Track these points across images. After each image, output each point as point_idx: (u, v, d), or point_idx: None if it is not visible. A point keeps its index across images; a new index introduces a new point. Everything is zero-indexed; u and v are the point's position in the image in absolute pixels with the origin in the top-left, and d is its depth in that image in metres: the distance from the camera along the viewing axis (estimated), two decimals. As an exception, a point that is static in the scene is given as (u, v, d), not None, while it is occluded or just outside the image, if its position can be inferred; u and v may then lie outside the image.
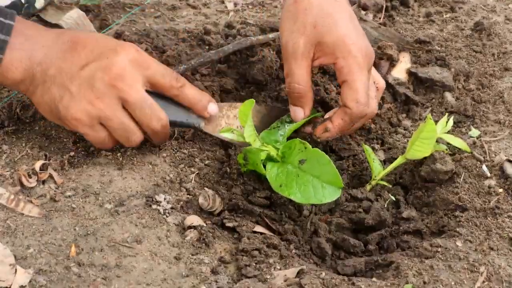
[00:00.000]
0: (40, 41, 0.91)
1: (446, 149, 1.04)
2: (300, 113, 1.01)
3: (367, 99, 0.97)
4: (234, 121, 1.03)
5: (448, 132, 1.05)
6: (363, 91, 0.96)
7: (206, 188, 0.97)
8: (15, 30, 0.89)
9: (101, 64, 0.89)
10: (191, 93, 0.96)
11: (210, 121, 1.00)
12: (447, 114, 1.10)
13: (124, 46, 0.92)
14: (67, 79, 0.88)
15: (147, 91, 0.92)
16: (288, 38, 0.98)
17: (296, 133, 1.06)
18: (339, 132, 1.01)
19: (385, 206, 1.01)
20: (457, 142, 1.03)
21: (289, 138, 1.01)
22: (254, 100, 0.96)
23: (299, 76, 0.98)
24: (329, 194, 0.93)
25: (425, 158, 1.01)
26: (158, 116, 0.92)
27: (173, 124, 0.96)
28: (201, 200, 0.94)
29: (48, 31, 0.94)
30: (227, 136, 0.99)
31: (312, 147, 0.95)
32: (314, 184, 0.93)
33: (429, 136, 0.96)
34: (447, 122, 1.03)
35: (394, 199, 1.03)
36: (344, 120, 0.98)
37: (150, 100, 0.92)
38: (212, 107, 0.98)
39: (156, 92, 0.94)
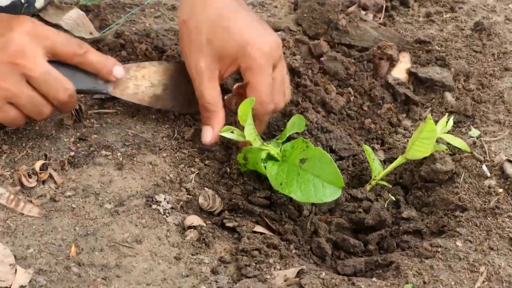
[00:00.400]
0: None
1: (446, 149, 1.04)
2: (209, 131, 0.99)
3: (270, 98, 0.98)
4: (142, 82, 1.01)
5: (448, 132, 1.05)
6: (266, 91, 0.97)
7: (206, 188, 0.97)
8: None
9: None
10: (95, 58, 0.94)
11: (118, 84, 0.98)
12: (447, 114, 1.10)
13: (19, 20, 0.89)
14: None
15: (50, 61, 0.91)
16: (189, 61, 0.99)
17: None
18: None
19: (385, 206, 1.01)
20: (457, 142, 1.03)
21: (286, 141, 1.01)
22: (254, 99, 0.96)
23: (208, 96, 0.98)
24: (330, 193, 0.92)
25: (425, 158, 1.01)
26: (64, 87, 0.91)
27: (81, 91, 0.96)
28: (201, 200, 0.94)
29: None
30: (226, 135, 0.98)
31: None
32: (315, 183, 0.93)
33: (429, 136, 0.96)
34: (447, 122, 1.03)
35: (394, 199, 1.03)
36: (256, 118, 0.98)
37: (54, 71, 0.90)
38: (118, 70, 0.97)
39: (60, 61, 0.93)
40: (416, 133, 0.98)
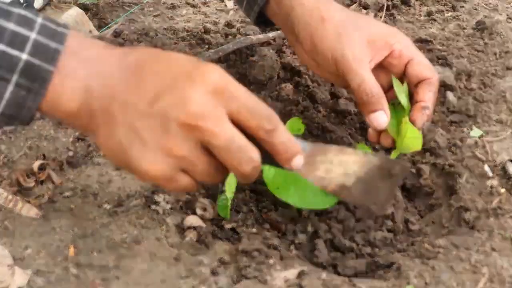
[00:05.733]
0: (99, 66, 0.72)
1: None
2: (384, 116, 0.94)
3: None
4: (335, 168, 0.84)
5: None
6: (428, 61, 0.98)
7: (200, 199, 0.94)
8: (68, 49, 0.71)
9: (175, 98, 0.69)
10: (280, 141, 0.75)
11: (308, 162, 0.81)
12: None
13: (203, 70, 0.71)
14: (134, 119, 0.70)
15: None
16: (342, 50, 0.94)
17: None
18: (433, 108, 0.97)
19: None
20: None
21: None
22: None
23: (372, 80, 0.94)
24: (327, 200, 0.93)
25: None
26: (249, 158, 0.72)
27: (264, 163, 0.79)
28: (200, 212, 0.93)
29: (110, 50, 0.74)
30: None
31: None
32: (313, 189, 0.92)
33: (415, 136, 0.94)
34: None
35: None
36: (433, 92, 0.95)
37: (239, 138, 0.71)
38: (298, 162, 0.77)
39: None
40: (402, 130, 0.95)
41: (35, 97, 0.71)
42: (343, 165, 0.84)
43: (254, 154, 0.73)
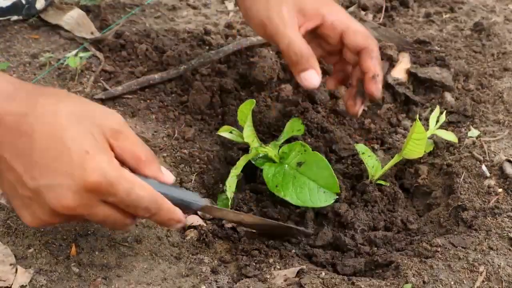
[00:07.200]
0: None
1: (433, 146, 1.05)
2: (315, 76, 0.97)
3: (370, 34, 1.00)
4: (233, 218, 0.91)
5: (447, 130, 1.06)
6: (363, 27, 0.99)
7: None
8: None
9: (53, 187, 0.71)
10: (159, 221, 0.79)
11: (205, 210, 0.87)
12: (438, 108, 1.09)
13: (85, 169, 0.71)
14: (17, 184, 0.73)
15: None
16: (268, 13, 0.97)
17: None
18: (381, 73, 0.99)
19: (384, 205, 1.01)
20: (448, 135, 1.03)
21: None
22: (255, 101, 0.97)
23: (299, 40, 0.96)
24: (324, 198, 0.93)
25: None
26: (123, 225, 0.78)
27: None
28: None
29: (10, 105, 0.73)
30: (225, 135, 0.99)
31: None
32: (311, 187, 0.93)
33: (420, 137, 0.96)
34: (438, 117, 1.03)
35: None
36: (374, 58, 0.97)
37: (113, 216, 0.76)
38: (178, 227, 0.82)
39: None
40: (409, 133, 0.97)
41: None
42: (239, 218, 0.89)
43: (128, 221, 0.78)
